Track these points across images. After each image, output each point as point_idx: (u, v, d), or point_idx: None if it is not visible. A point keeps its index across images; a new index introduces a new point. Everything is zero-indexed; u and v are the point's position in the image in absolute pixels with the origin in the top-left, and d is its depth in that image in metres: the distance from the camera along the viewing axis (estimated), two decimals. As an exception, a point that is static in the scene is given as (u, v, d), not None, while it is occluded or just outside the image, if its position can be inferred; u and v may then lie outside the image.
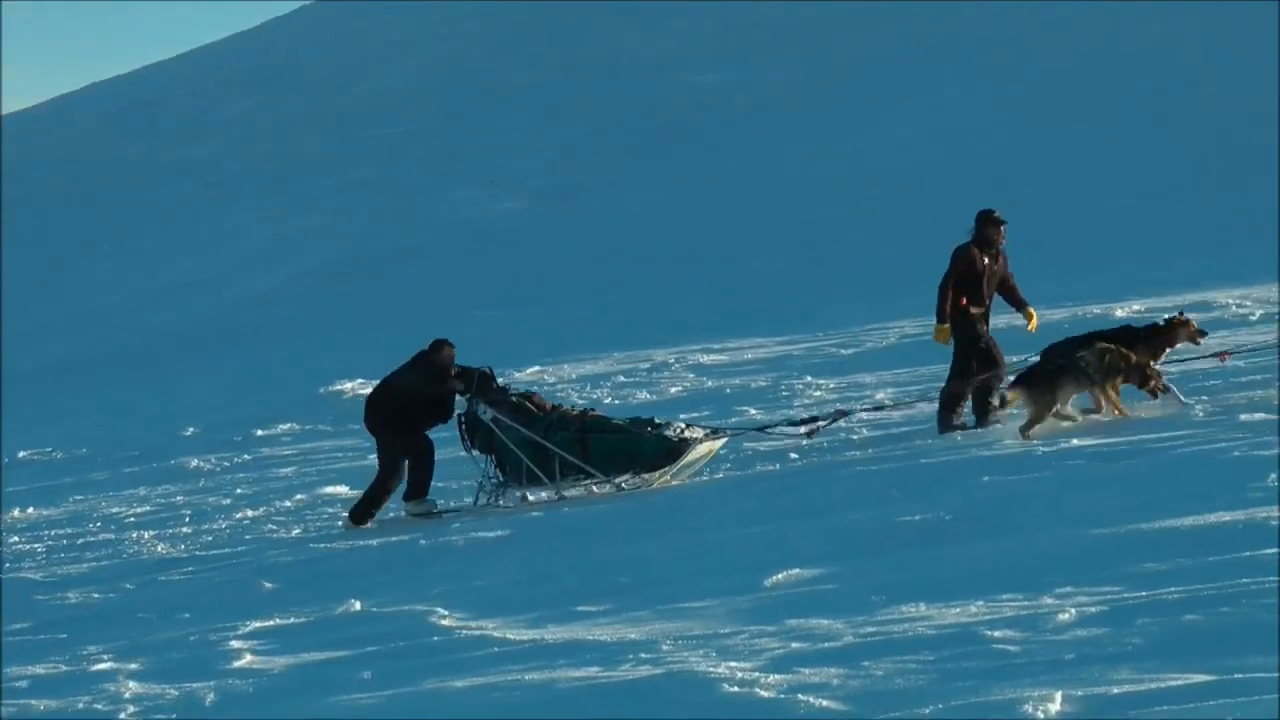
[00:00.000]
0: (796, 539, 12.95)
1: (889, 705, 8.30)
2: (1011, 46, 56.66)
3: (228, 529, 17.96)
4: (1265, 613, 9.03)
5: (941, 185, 43.58)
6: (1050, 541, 11.56)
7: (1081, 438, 16.03)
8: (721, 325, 31.44)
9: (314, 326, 40.17)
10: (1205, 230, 35.09)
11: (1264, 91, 46.66)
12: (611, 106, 56.32)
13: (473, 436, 18.46)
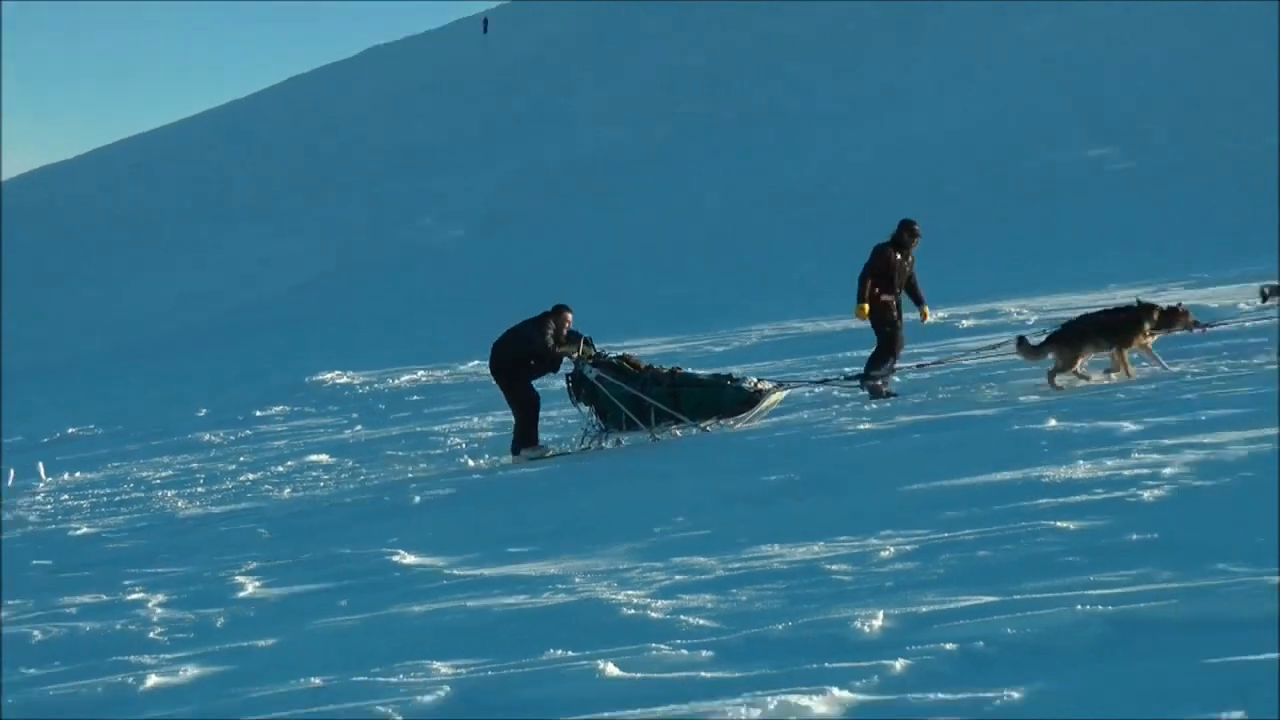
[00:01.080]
0: (683, 495, 13.05)
1: (751, 624, 8.52)
2: (903, 85, 56.01)
3: (233, 489, 17.96)
4: (1037, 548, 9.24)
5: (841, 205, 43.32)
6: (876, 496, 11.79)
7: (905, 414, 16.12)
8: (633, 327, 31.30)
9: (299, 328, 39.91)
10: (1005, 248, 34.88)
11: (1069, 126, 46.34)
12: (540, 152, 55.96)
13: (578, 391, 18.41)
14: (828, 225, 41.05)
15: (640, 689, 7.52)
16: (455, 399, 24.18)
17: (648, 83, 61.62)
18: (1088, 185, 40.56)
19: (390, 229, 50.48)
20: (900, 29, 62.75)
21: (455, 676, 8.17)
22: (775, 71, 59.12)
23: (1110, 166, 42.41)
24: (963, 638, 7.62)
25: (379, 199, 54.67)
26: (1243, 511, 9.54)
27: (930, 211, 39.48)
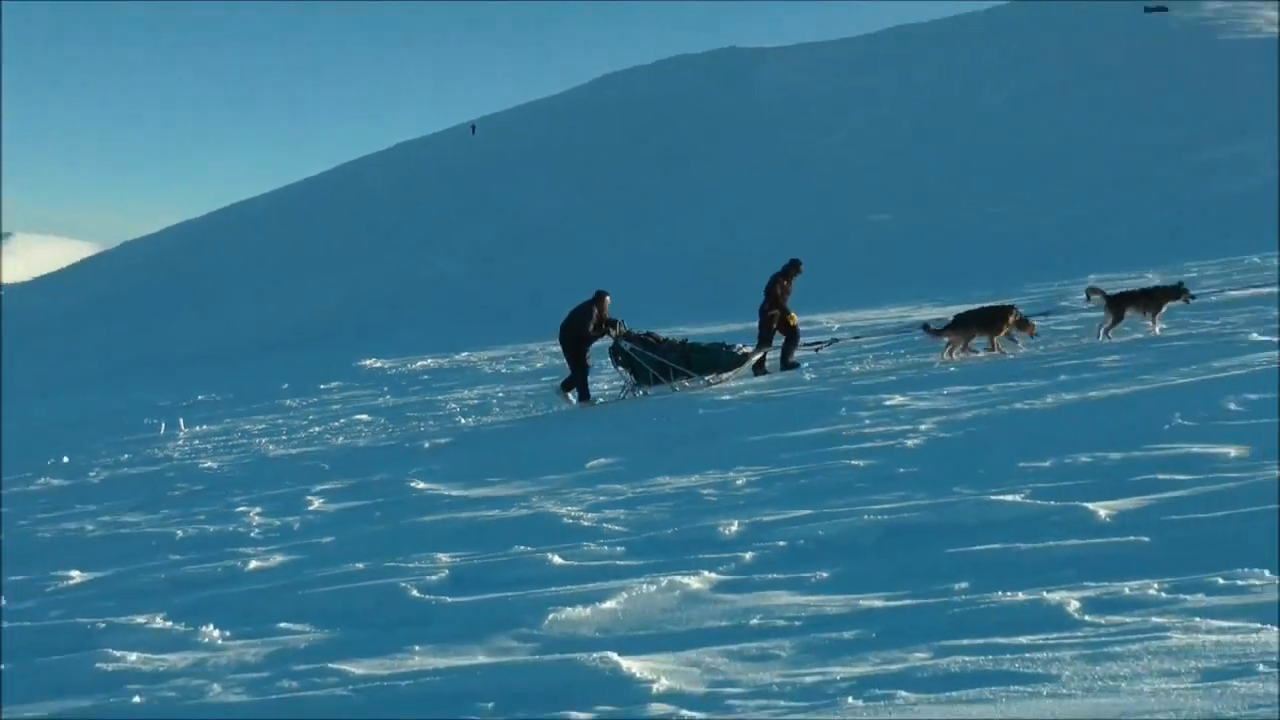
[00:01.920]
0: (606, 442, 13.06)
1: (650, 529, 8.64)
2: (786, 149, 56.34)
3: (304, 437, 17.86)
4: (838, 478, 9.36)
5: (724, 258, 43.43)
6: (733, 443, 11.78)
7: (757, 389, 16.17)
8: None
9: (348, 333, 39.75)
10: (826, 281, 34.73)
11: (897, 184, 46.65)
12: (510, 215, 55.93)
13: (616, 358, 18.14)
14: (715, 268, 41.11)
15: (576, 572, 7.63)
16: (453, 378, 24.09)
17: (585, 171, 61.38)
18: (876, 239, 40.76)
19: (406, 267, 50.30)
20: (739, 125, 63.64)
21: (452, 564, 8.27)
22: (678, 167, 58.94)
23: (887, 227, 42.59)
24: (790, 537, 7.80)
25: (398, 247, 54.51)
26: (968, 454, 9.72)
27: (770, 261, 39.84)
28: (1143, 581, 5.98)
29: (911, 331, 19.24)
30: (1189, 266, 25.77)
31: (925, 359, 16.94)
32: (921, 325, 17.70)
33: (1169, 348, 14.39)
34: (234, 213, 79.59)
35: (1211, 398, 10.45)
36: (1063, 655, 5.14)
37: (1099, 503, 7.44)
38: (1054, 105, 54.75)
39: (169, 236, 77.84)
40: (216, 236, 70.72)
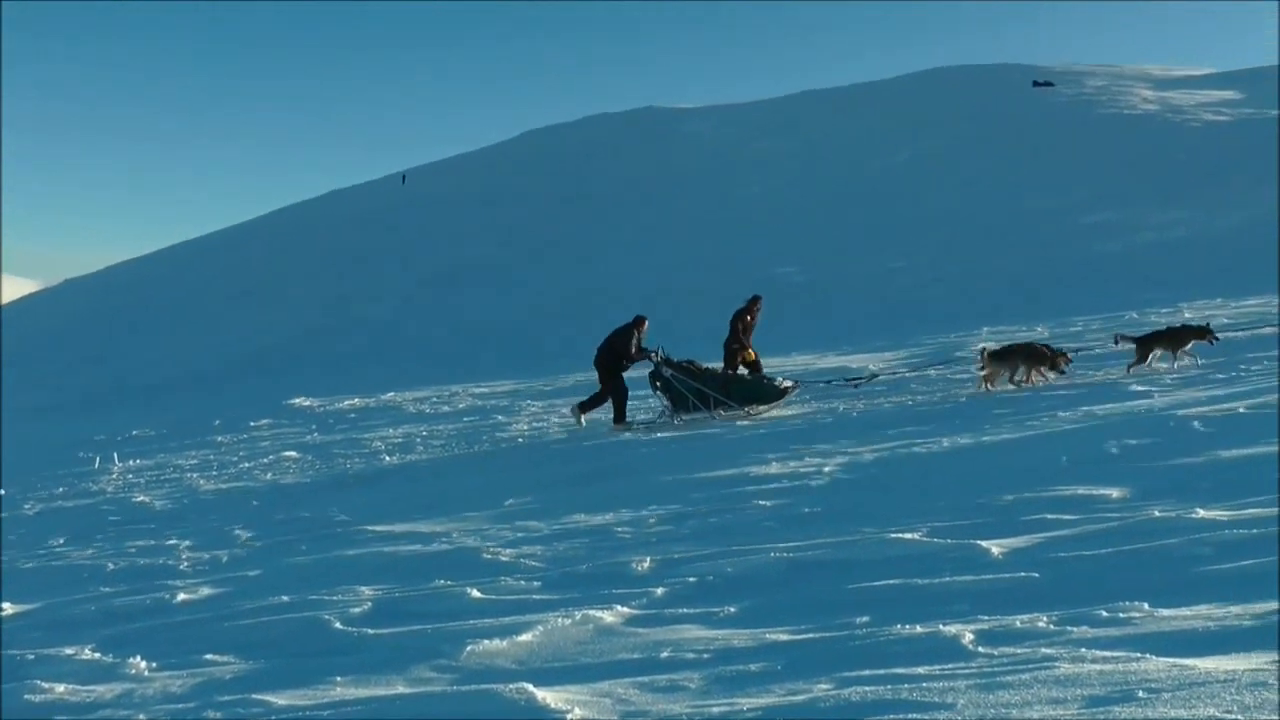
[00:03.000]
0: (526, 479, 12.98)
1: (563, 564, 8.56)
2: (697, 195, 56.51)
3: (235, 472, 17.57)
4: (746, 517, 9.33)
5: (642, 304, 43.46)
6: (646, 482, 11.72)
7: (670, 430, 16.16)
8: (493, 368, 31.39)
9: (278, 371, 39.28)
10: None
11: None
12: (435, 259, 55.67)
13: (654, 384, 17.69)
14: (627, 314, 41.10)
15: (494, 606, 7.54)
16: (379, 417, 23.87)
17: (510, 219, 61.33)
18: (782, 290, 40.97)
19: (336, 308, 49.78)
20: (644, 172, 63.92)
21: (374, 596, 8.13)
22: (599, 218, 59.03)
23: (793, 279, 42.83)
24: (699, 573, 7.75)
25: (328, 289, 53.94)
26: (870, 494, 9.78)
27: (683, 307, 39.88)
28: (1032, 615, 6.02)
29: (945, 366, 19.21)
30: (1075, 321, 26.15)
31: (828, 405, 17.02)
32: (982, 349, 17.45)
33: (1058, 395, 14.58)
34: (174, 253, 78.66)
35: (1095, 442, 10.61)
36: (958, 685, 5.14)
37: (992, 540, 7.51)
38: (951, 168, 55.46)
39: (110, 274, 76.70)
40: (156, 275, 69.77)
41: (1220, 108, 61.27)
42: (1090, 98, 66.40)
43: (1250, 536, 7.01)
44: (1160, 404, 12.76)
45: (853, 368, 21.80)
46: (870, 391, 17.93)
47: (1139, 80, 72.44)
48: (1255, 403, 11.94)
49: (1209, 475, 8.92)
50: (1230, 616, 5.72)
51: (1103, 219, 43.91)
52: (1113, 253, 39.42)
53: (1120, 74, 75.62)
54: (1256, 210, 42.11)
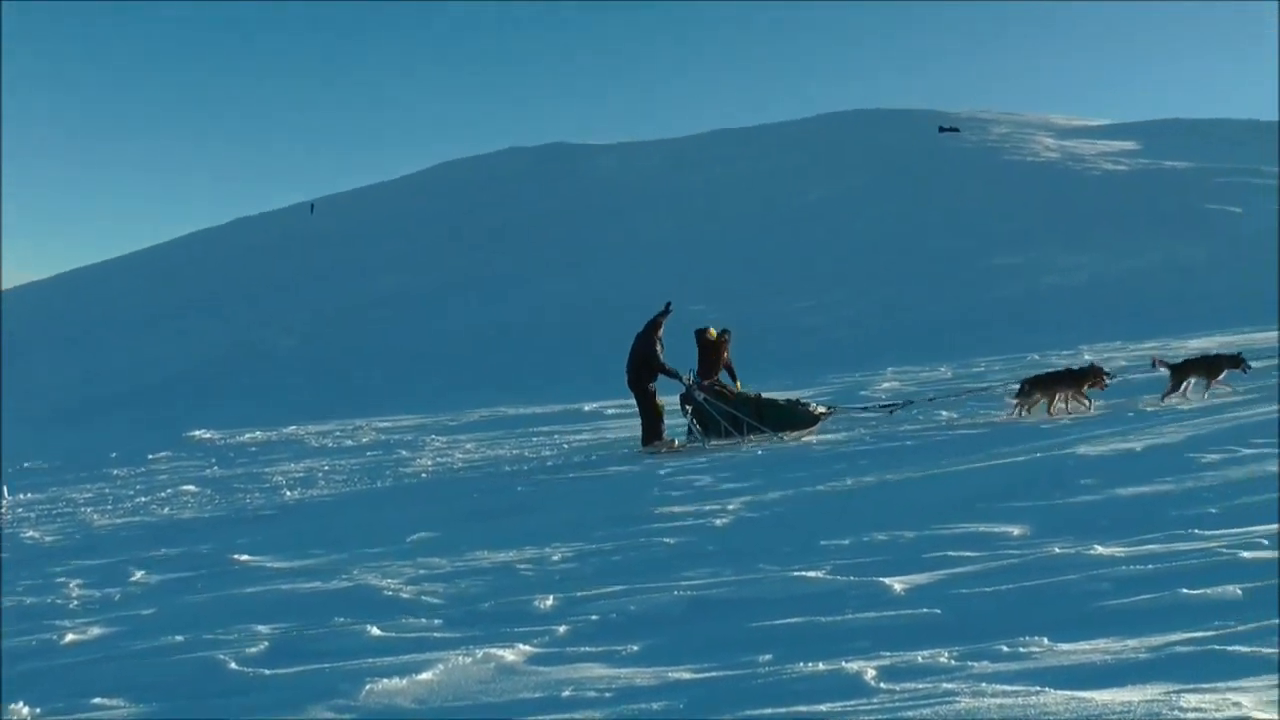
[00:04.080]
0: (429, 515, 12.84)
1: (465, 602, 8.45)
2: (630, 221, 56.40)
3: (131, 506, 17.17)
4: (651, 555, 9.31)
5: (549, 338, 43.20)
6: (550, 519, 11.66)
7: (576, 469, 16.09)
8: (409, 402, 31.09)
9: (178, 403, 38.60)
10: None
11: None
12: (348, 289, 55.29)
13: (685, 406, 17.48)
14: (536, 348, 41.00)
15: (394, 644, 7.43)
16: (280, 451, 23.53)
17: (419, 251, 61.03)
18: (689, 328, 41.09)
19: (240, 338, 49.09)
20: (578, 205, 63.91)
21: (271, 635, 7.97)
22: (509, 251, 58.91)
23: (701, 317, 42.99)
24: (602, 611, 7.70)
25: (232, 318, 53.29)
26: (773, 532, 9.79)
27: (592, 342, 39.82)
28: (934, 650, 6.06)
29: (987, 391, 19.18)
30: (978, 361, 26.46)
31: (737, 441, 17.05)
32: (1020, 381, 17.18)
33: (962, 435, 14.73)
34: (70, 279, 77.48)
35: (997, 481, 10.74)
36: (859, 722, 5.15)
37: (894, 578, 7.56)
38: (858, 210, 56.06)
39: (2, 300, 75.26)
40: (50, 302, 68.62)
41: (1119, 157, 62.64)
42: (995, 144, 67.59)
43: (1147, 572, 7.16)
44: (1060, 443, 12.93)
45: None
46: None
47: (1041, 129, 73.92)
48: (1152, 443, 12.16)
49: (1107, 513, 9.06)
50: (1127, 650, 5.81)
51: (1007, 262, 44.57)
52: (1017, 295, 40.01)
53: (1023, 122, 77.16)
54: (1153, 257, 43.10)
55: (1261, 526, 8.07)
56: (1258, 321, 29.82)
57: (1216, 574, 6.94)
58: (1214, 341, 25.37)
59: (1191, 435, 12.40)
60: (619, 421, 21.74)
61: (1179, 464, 10.69)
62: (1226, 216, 47.43)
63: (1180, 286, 38.70)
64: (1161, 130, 72.45)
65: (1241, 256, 41.69)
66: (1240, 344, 20.04)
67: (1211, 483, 9.76)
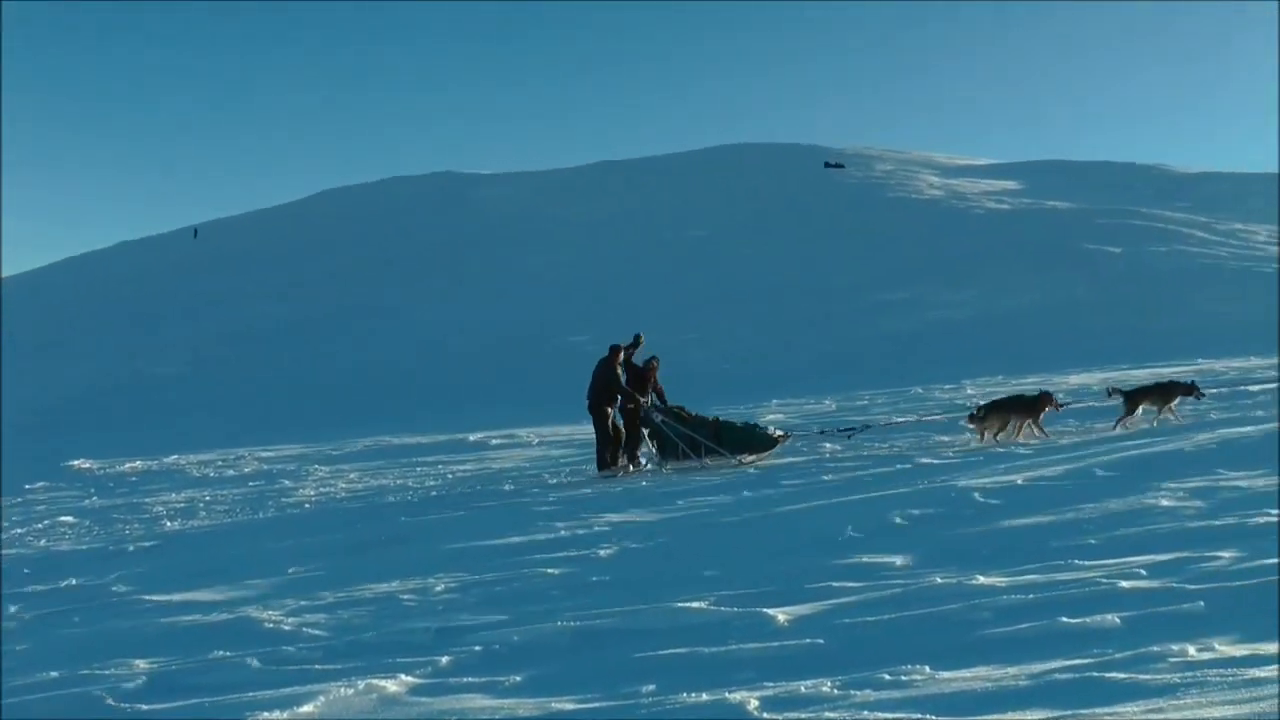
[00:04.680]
0: (306, 548, 12.66)
1: (347, 633, 8.37)
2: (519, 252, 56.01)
3: (6, 539, 16.54)
4: (534, 585, 9.27)
5: (433, 368, 42.87)
6: (432, 550, 11.55)
7: (460, 500, 15.97)
8: (284, 437, 30.69)
9: (57, 431, 37.72)
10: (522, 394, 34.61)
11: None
12: (228, 318, 54.49)
13: (644, 428, 17.35)
14: (420, 377, 40.75)
15: (275, 676, 7.32)
16: (161, 481, 23.09)
17: (303, 278, 60.38)
18: (574, 359, 41.12)
19: (120, 366, 48.19)
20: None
21: (150, 669, 7.81)
22: (395, 280, 58.46)
23: (585, 348, 43.09)
24: (485, 642, 7.66)
25: (112, 345, 52.16)
26: (658, 563, 9.82)
27: (477, 373, 39.65)
28: (817, 680, 6.10)
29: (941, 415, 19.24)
30: (862, 395, 26.77)
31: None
32: (976, 406, 17.41)
33: (844, 468, 14.89)
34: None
35: (880, 512, 10.86)
36: (742, 752, 5.16)
37: (778, 608, 7.60)
38: (745, 243, 56.52)
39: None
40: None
41: (1002, 196, 63.96)
42: (880, 181, 68.64)
43: (1027, 601, 7.28)
44: (942, 476, 13.12)
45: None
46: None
47: (925, 167, 75.25)
48: (1032, 475, 12.39)
49: (988, 544, 9.21)
50: (1007, 678, 5.90)
51: (891, 298, 45.25)
52: (900, 330, 40.62)
53: (908, 160, 78.47)
54: (1035, 294, 44.03)
55: (1139, 557, 8.27)
56: (1134, 359, 30.60)
57: (1095, 603, 7.09)
58: (1093, 377, 25.95)
59: (1072, 468, 12.65)
60: (504, 451, 21.67)
61: (1059, 496, 10.91)
62: (1105, 256, 48.63)
63: (1060, 323, 39.59)
64: (1043, 171, 74.16)
65: (1120, 295, 42.78)
66: (1116, 380, 20.48)
67: (1091, 515, 9.97)
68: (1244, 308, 40.06)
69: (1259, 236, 52.53)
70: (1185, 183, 70.53)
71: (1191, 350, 31.86)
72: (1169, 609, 6.89)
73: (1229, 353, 30.35)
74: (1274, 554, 7.91)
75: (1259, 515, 9.23)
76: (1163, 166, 76.50)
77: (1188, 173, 74.36)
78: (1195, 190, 67.46)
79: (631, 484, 15.71)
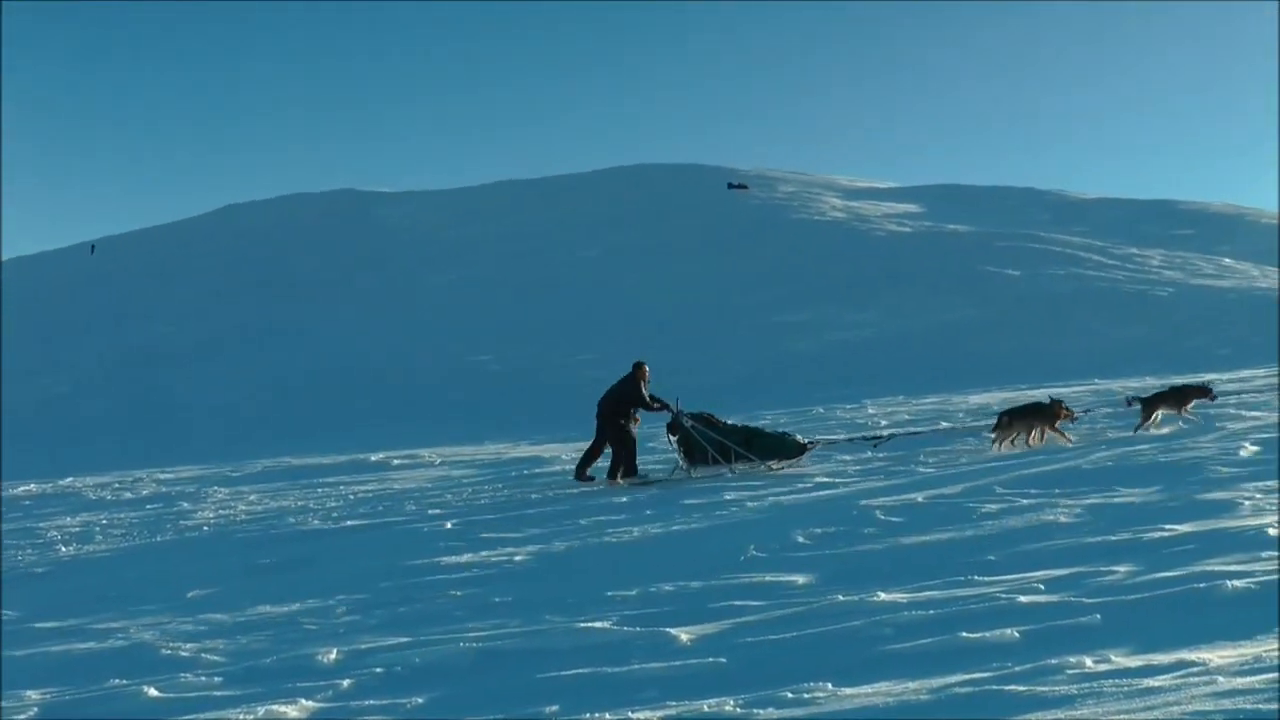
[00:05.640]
0: (204, 572, 12.47)
1: (246, 658, 8.30)
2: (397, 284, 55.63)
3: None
4: (437, 606, 9.23)
5: (334, 386, 42.47)
6: (339, 571, 11.49)
7: (362, 522, 15.82)
8: (183, 458, 30.21)
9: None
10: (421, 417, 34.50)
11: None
12: (120, 338, 53.53)
13: (671, 435, 17.23)
14: (322, 397, 40.37)
15: (172, 704, 7.24)
16: (56, 504, 22.56)
17: (203, 295, 59.58)
18: (476, 378, 41.01)
19: (12, 383, 47.12)
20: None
21: (42, 700, 7.66)
22: (296, 297, 57.86)
23: (488, 368, 42.97)
24: (387, 664, 7.62)
25: (14, 362, 51.08)
26: (560, 582, 9.84)
27: (380, 391, 39.40)
28: (720, 699, 6.15)
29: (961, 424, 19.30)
30: (764, 415, 26.93)
31: (525, 491, 17.02)
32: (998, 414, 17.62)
33: (746, 485, 14.99)
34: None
35: (782, 531, 10.93)
36: (645, 771, 5.17)
37: (680, 627, 7.64)
38: (646, 263, 56.64)
39: None
40: None
41: (903, 219, 64.74)
42: (782, 202, 69.14)
43: (928, 617, 7.39)
44: (844, 494, 13.26)
45: (544, 457, 21.88)
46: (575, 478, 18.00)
47: (827, 189, 75.94)
48: (933, 493, 12.54)
49: (890, 561, 9.33)
50: (908, 692, 5.98)
51: (794, 319, 45.63)
52: (803, 351, 40.98)
53: (810, 181, 79.17)
54: (935, 316, 44.66)
55: (1038, 572, 8.43)
56: (1033, 379, 31.10)
57: (995, 618, 7.22)
58: (993, 397, 26.33)
59: (972, 486, 12.82)
60: (406, 472, 21.51)
61: (960, 514, 11.07)
62: (1005, 279, 49.43)
63: (960, 344, 40.18)
64: (943, 194, 75.19)
65: (1018, 317, 43.52)
66: (1014, 401, 20.77)
67: (991, 531, 10.15)
68: (1139, 330, 41.03)
69: (1153, 261, 53.70)
70: (1082, 208, 71.92)
71: (1088, 371, 32.50)
72: (1067, 622, 7.02)
73: (1125, 374, 30.99)
74: (1169, 568, 8.11)
75: (1153, 530, 9.44)
76: (1060, 192, 77.98)
77: (1084, 198, 75.83)
78: (1092, 215, 68.80)
79: (532, 504, 15.66)
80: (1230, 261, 54.49)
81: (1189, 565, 8.14)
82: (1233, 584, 7.39)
